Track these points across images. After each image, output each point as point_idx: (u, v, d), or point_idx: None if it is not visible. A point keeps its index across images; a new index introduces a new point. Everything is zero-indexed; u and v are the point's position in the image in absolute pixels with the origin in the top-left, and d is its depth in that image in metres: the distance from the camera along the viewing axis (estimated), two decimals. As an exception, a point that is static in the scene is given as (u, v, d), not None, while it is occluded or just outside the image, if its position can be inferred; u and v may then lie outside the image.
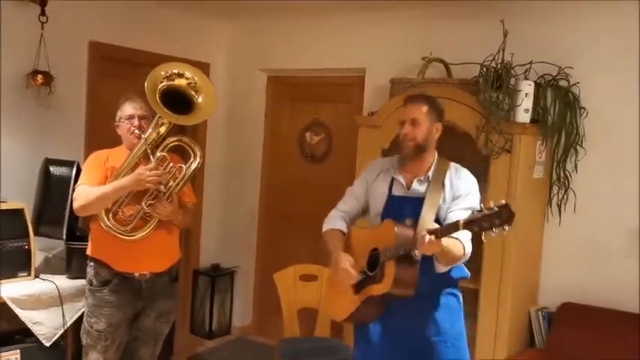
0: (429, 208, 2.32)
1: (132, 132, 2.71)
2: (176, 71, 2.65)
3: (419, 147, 2.38)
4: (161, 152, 2.64)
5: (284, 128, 4.53)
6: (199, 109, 2.66)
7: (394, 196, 2.44)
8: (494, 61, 3.04)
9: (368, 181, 2.55)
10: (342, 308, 2.47)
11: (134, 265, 2.67)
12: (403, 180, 2.44)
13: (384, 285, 2.26)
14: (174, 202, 2.65)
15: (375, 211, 2.49)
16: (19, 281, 2.99)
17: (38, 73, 3.34)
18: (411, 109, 2.38)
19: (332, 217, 2.60)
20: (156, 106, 2.56)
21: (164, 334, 2.87)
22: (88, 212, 2.64)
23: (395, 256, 2.22)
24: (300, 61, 4.24)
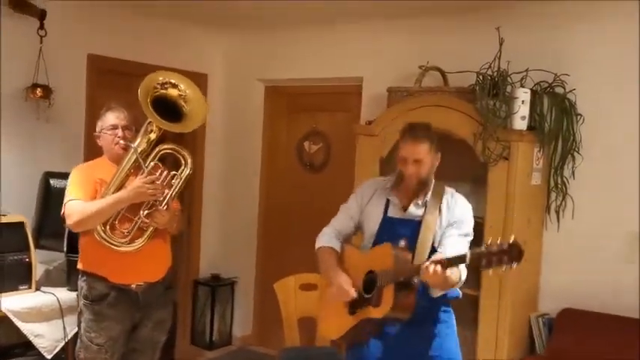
0: (426, 231, 2.33)
1: (116, 142, 2.66)
2: (173, 81, 2.64)
3: (422, 182, 2.39)
4: (153, 161, 2.60)
5: (282, 138, 4.54)
6: (188, 118, 2.65)
7: (390, 217, 2.44)
8: (491, 69, 3.06)
9: (363, 200, 2.54)
10: (336, 327, 2.47)
11: (130, 277, 2.63)
12: (399, 202, 2.44)
13: (381, 309, 2.26)
14: (170, 211, 2.64)
15: (369, 232, 2.48)
16: (20, 294, 3.00)
17: (37, 87, 3.37)
18: (414, 149, 2.34)
19: (325, 235, 2.60)
20: (148, 112, 2.52)
21: (162, 342, 2.85)
22: (84, 228, 2.58)
23: (394, 282, 2.22)
24: (298, 71, 4.26)
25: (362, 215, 2.54)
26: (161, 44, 4.13)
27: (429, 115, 3.17)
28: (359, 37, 3.97)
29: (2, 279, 2.93)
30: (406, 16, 3.67)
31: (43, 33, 3.42)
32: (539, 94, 3.09)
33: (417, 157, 2.35)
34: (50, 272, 3.29)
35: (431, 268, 2.08)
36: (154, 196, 2.55)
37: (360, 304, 2.36)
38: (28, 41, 3.39)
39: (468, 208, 2.44)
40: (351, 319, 2.40)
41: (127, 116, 2.71)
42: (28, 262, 3.04)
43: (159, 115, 2.54)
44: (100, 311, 2.60)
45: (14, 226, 3.04)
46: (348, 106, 4.17)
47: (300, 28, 4.17)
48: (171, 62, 3.98)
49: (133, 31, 3.99)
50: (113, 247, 2.55)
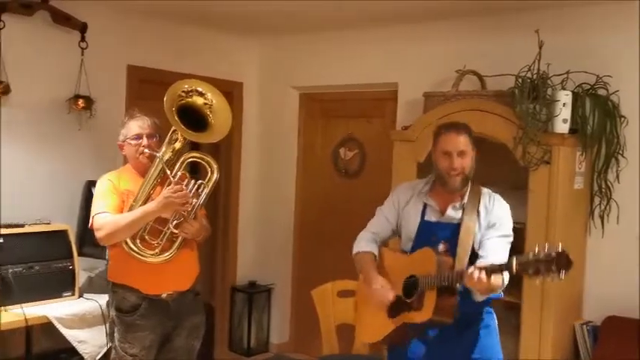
0: (465, 234, 2.30)
1: (141, 152, 2.62)
2: (200, 89, 2.60)
3: (466, 179, 2.36)
4: (179, 170, 2.56)
5: (317, 145, 4.55)
6: (214, 128, 2.60)
7: (427, 221, 2.42)
8: (530, 72, 3.01)
9: (400, 204, 2.53)
10: (375, 330, 2.46)
11: (161, 287, 2.62)
12: (437, 205, 2.42)
13: (423, 314, 2.25)
14: (199, 220, 2.63)
15: (407, 236, 2.47)
16: (64, 301, 3.06)
17: (79, 98, 3.45)
18: (458, 140, 2.33)
19: (363, 239, 2.59)
20: (173, 120, 2.48)
21: (197, 349, 2.83)
22: (114, 241, 2.55)
23: (437, 287, 2.21)
24: (333, 77, 4.27)
25: (399, 219, 2.53)
26: (197, 54, 4.19)
27: (467, 120, 3.10)
28: (394, 42, 3.95)
29: (47, 286, 2.99)
30: (442, 20, 3.64)
31: (85, 45, 3.51)
32: (580, 96, 3.03)
33: (461, 149, 2.32)
34: (92, 279, 3.35)
35: (475, 275, 2.06)
36: (182, 206, 2.52)
37: (400, 308, 2.34)
38: (70, 53, 3.48)
39: (507, 209, 2.40)
40: (390, 322, 2.38)
41: (150, 124, 2.67)
42: (72, 270, 3.10)
43: (184, 124, 2.50)
44: (132, 322, 2.60)
45: (58, 234, 3.11)
46: (383, 112, 4.15)
47: (334, 34, 4.17)
48: (208, 71, 4.04)
49: (170, 42, 4.05)
50: (143, 259, 2.54)
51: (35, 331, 3.00)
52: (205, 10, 3.70)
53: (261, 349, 4.60)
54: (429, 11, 3.50)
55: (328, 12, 3.66)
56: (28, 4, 3.25)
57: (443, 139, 2.37)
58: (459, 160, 2.32)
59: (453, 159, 2.32)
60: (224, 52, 4.41)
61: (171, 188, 2.50)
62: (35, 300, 2.93)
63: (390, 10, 3.55)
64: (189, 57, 4.11)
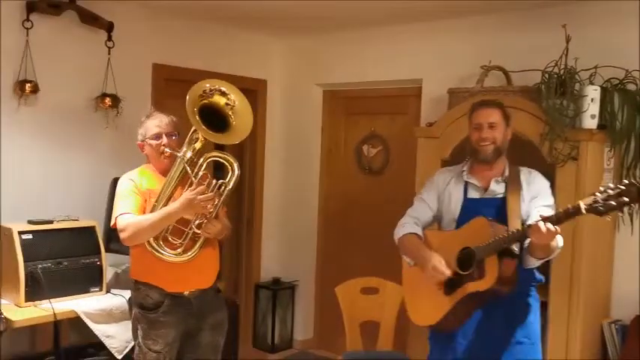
0: (512, 206, 2.33)
1: (162, 152, 2.61)
2: (223, 89, 2.58)
3: (498, 150, 2.43)
4: (200, 170, 2.54)
5: (341, 142, 4.55)
6: (234, 129, 2.58)
7: (470, 199, 2.46)
8: (557, 67, 2.97)
9: (439, 188, 2.56)
10: (431, 312, 2.44)
11: (184, 285, 2.63)
12: (478, 182, 2.46)
13: (486, 281, 2.24)
14: (221, 220, 2.63)
15: (449, 217, 2.49)
16: (92, 296, 3.10)
17: (106, 96, 3.50)
18: (488, 113, 2.44)
19: (405, 224, 2.59)
20: (194, 120, 2.47)
21: (222, 345, 2.83)
22: (138, 241, 2.56)
23: (497, 251, 2.21)
24: (356, 74, 4.26)
25: (440, 202, 2.54)
26: (222, 52, 4.21)
27: (493, 116, 3.13)
28: (418, 38, 3.93)
29: (75, 281, 3.04)
30: (466, 15, 3.61)
31: (111, 44, 3.55)
32: (609, 92, 2.98)
33: (491, 121, 2.41)
34: (119, 275, 3.39)
35: (542, 226, 2.05)
36: (204, 207, 2.51)
37: (457, 282, 2.33)
38: (97, 53, 3.53)
39: (546, 181, 2.47)
40: (447, 300, 2.36)
41: (168, 122, 2.66)
42: (99, 265, 3.14)
43: (205, 124, 2.49)
44: (155, 319, 2.61)
45: (86, 231, 3.15)
46: (407, 108, 4.13)
47: (357, 31, 4.17)
48: (232, 69, 4.07)
49: (195, 40, 4.08)
50: (165, 258, 2.55)
51: (64, 325, 3.05)
52: (230, 8, 3.72)
53: (285, 345, 4.61)
54: (453, 7, 3.47)
55: (352, 10, 3.65)
56: (55, 4, 3.30)
57: (475, 114, 2.48)
58: (489, 131, 2.41)
59: (483, 130, 2.41)
60: (249, 50, 4.43)
61: (194, 189, 2.49)
62: (64, 295, 2.97)
63: (414, 7, 3.53)
64: (213, 55, 4.13)
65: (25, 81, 3.20)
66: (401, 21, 3.89)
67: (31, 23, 3.22)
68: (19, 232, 2.91)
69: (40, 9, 3.24)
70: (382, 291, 3.43)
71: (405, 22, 3.91)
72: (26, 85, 3.19)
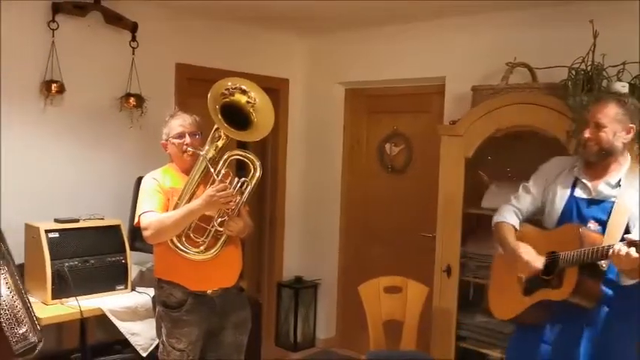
0: (619, 214, 2.16)
1: (184, 150, 2.64)
2: (243, 87, 2.60)
3: (602, 151, 2.25)
4: (222, 168, 2.57)
5: (363, 140, 4.53)
6: (256, 126, 2.60)
7: (576, 197, 2.31)
8: (584, 64, 2.92)
9: (547, 179, 2.43)
10: (508, 307, 2.40)
11: (206, 283, 2.65)
12: (588, 182, 2.30)
13: (562, 292, 2.16)
14: (243, 217, 2.64)
15: (553, 213, 2.36)
16: (117, 294, 3.13)
17: (131, 96, 3.53)
18: (597, 111, 2.27)
19: (505, 211, 2.51)
20: (216, 119, 2.49)
21: (245, 344, 2.84)
22: (161, 239, 2.58)
23: (579, 264, 2.11)
24: (378, 72, 4.24)
25: (545, 195, 2.42)
26: (244, 51, 4.23)
27: (518, 113, 3.10)
28: (440, 35, 3.90)
29: (101, 279, 3.07)
30: (490, 11, 3.57)
31: (135, 45, 3.59)
32: (638, 88, 2.91)
33: (598, 120, 2.24)
34: (143, 273, 3.42)
35: (623, 250, 1.93)
36: (226, 205, 2.53)
37: (537, 285, 2.27)
38: (121, 53, 3.56)
39: None
40: (526, 300, 2.31)
41: (191, 122, 2.69)
42: (124, 264, 3.17)
43: (227, 122, 2.51)
44: (179, 318, 2.63)
45: (111, 229, 3.18)
46: (429, 106, 4.10)
47: (379, 28, 4.15)
48: (254, 68, 4.07)
49: (218, 40, 4.10)
50: (188, 256, 2.56)
51: (90, 323, 3.08)
52: (252, 8, 3.73)
53: (308, 344, 4.62)
54: (477, 4, 3.43)
55: (375, 8, 3.64)
56: (81, 5, 3.34)
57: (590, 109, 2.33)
58: (594, 131, 2.25)
59: (590, 128, 2.27)
60: (271, 50, 4.43)
61: (215, 186, 2.51)
62: (90, 293, 3.01)
63: (437, 5, 3.51)
64: (236, 55, 4.15)
65: (52, 81, 3.24)
66: (424, 18, 3.86)
67: (57, 24, 3.27)
68: (45, 231, 2.95)
69: (65, 10, 3.28)
70: (405, 290, 3.42)
71: (427, 20, 3.88)
72: (52, 85, 3.24)
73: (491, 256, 3.21)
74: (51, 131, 3.34)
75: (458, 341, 3.37)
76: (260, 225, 4.55)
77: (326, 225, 4.63)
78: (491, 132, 3.20)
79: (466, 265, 3.38)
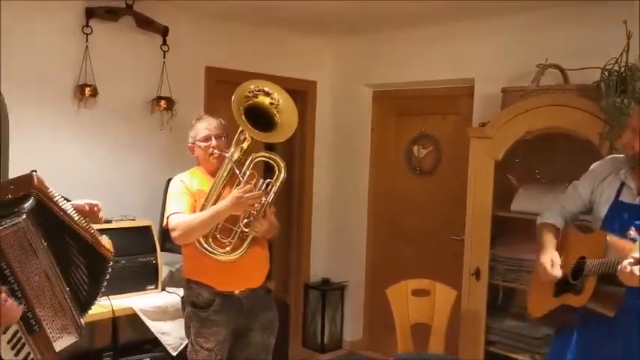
0: None
1: (211, 153, 2.68)
2: (266, 89, 2.63)
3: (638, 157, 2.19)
4: (248, 170, 2.60)
5: (391, 142, 4.52)
6: (280, 127, 2.63)
7: (621, 202, 2.24)
8: (617, 65, 2.87)
9: (595, 180, 2.38)
10: (539, 306, 2.41)
11: (234, 284, 2.67)
12: (634, 186, 2.23)
13: (580, 298, 2.14)
14: (268, 218, 2.66)
15: (597, 215, 2.32)
16: (148, 294, 3.19)
17: (161, 99, 3.58)
18: (635, 116, 2.22)
19: (549, 210, 2.48)
20: (240, 121, 2.53)
21: (272, 345, 2.87)
22: (188, 240, 2.62)
23: (598, 273, 2.09)
24: (406, 74, 4.23)
25: (593, 195, 2.37)
26: (273, 54, 4.25)
27: (549, 115, 3.07)
28: (469, 36, 3.87)
29: (132, 279, 3.12)
30: (521, 12, 3.53)
31: (166, 48, 3.64)
32: (673, 89, 2.86)
33: (633, 125, 2.19)
34: (173, 274, 3.46)
35: (628, 268, 1.89)
36: (252, 205, 2.56)
37: (565, 288, 2.26)
38: (152, 57, 3.62)
39: None
40: (553, 301, 2.30)
41: (217, 125, 2.74)
42: (155, 264, 3.22)
43: (252, 124, 2.54)
44: (207, 317, 2.66)
45: (142, 230, 3.24)
46: (458, 108, 4.08)
47: (407, 30, 4.14)
48: (282, 71, 4.10)
49: (246, 43, 4.14)
50: (215, 257, 2.59)
51: (121, 322, 3.13)
52: (280, 11, 3.75)
53: (335, 346, 4.62)
54: (507, 4, 3.40)
55: (402, 9, 3.63)
56: (113, 10, 3.40)
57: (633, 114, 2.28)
58: (629, 135, 2.20)
59: (627, 132, 2.22)
60: (298, 52, 4.46)
61: (241, 187, 2.54)
62: (121, 292, 3.06)
63: (466, 5, 3.48)
64: (264, 57, 4.18)
65: (85, 85, 3.31)
66: (452, 19, 3.84)
67: (91, 29, 3.33)
68: (78, 231, 3.00)
69: (98, 15, 3.35)
70: (433, 293, 3.39)
71: (456, 21, 3.85)
72: (86, 89, 3.30)
73: (521, 260, 3.24)
74: (84, 134, 3.41)
75: (487, 345, 3.35)
76: (287, 226, 4.57)
77: (353, 227, 4.63)
78: (522, 134, 3.17)
79: (495, 269, 3.35)
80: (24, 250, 1.66)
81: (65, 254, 1.80)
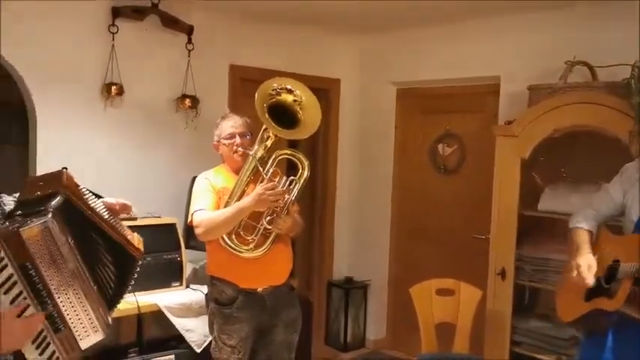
0: None
1: (235, 151, 2.71)
2: (288, 87, 2.64)
3: None
4: (272, 167, 2.62)
5: (415, 141, 4.49)
6: (303, 124, 2.64)
7: None
8: (648, 61, 2.81)
9: (628, 182, 2.35)
10: (569, 310, 2.37)
11: (257, 281, 2.69)
12: None
13: (614, 303, 2.12)
14: (291, 216, 2.66)
15: (629, 219, 2.29)
16: (173, 291, 3.21)
17: (186, 97, 3.61)
18: None
19: (581, 214, 2.44)
20: (264, 119, 2.54)
21: (295, 342, 2.86)
22: (212, 237, 2.64)
23: (633, 276, 2.07)
24: (431, 72, 4.19)
25: (625, 199, 2.34)
26: (296, 52, 4.26)
27: (577, 113, 3.02)
28: (495, 33, 3.82)
29: (157, 276, 3.15)
30: (549, 9, 3.48)
31: (191, 47, 3.66)
32: None
33: None
34: (197, 271, 3.48)
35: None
36: (275, 202, 2.57)
37: (597, 292, 2.22)
38: (177, 55, 3.64)
39: None
40: (585, 305, 2.27)
41: (242, 123, 2.76)
42: (180, 261, 3.24)
43: (275, 122, 2.56)
44: (230, 314, 2.67)
45: (167, 228, 3.26)
46: (483, 106, 4.03)
47: (432, 27, 4.10)
48: (306, 69, 4.10)
49: (270, 41, 4.14)
50: (239, 253, 2.61)
51: (146, 318, 3.15)
52: (304, 9, 3.75)
53: (358, 344, 4.61)
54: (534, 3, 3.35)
55: (427, 7, 3.60)
56: (139, 9, 3.43)
57: None
58: None
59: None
60: (322, 50, 4.45)
61: (264, 185, 2.56)
62: (147, 289, 3.08)
63: (492, 2, 3.44)
64: (288, 55, 4.18)
65: (112, 84, 3.35)
66: (477, 16, 3.80)
67: (117, 28, 3.37)
68: (105, 229, 3.04)
69: (124, 14, 3.38)
70: (458, 293, 3.37)
71: (481, 18, 3.81)
72: (112, 87, 3.34)
73: (548, 260, 3.19)
74: (111, 132, 3.45)
75: (512, 346, 3.31)
76: (310, 224, 4.57)
77: (376, 225, 4.61)
78: (549, 132, 3.12)
79: (521, 269, 3.30)
80: (49, 249, 1.62)
81: (93, 252, 1.79)
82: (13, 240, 1.57)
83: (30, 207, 1.69)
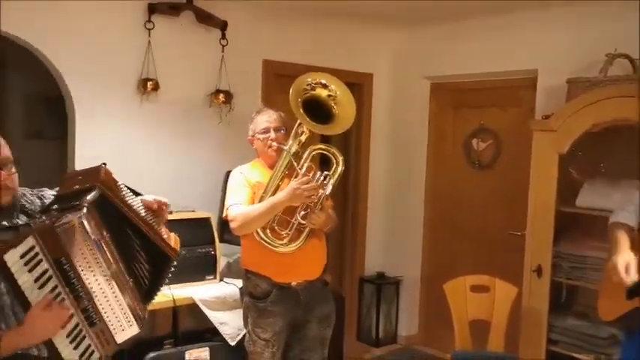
0: None
1: (269, 145, 2.72)
2: (323, 81, 2.64)
3: None
4: (306, 162, 2.63)
5: (449, 135, 4.44)
6: (338, 119, 2.64)
7: None
8: (693, 54, 2.73)
9: None
10: (610, 309, 2.34)
11: (291, 276, 2.69)
12: None
13: None
14: (325, 211, 2.66)
15: None
16: (207, 284, 3.25)
17: (220, 93, 3.63)
18: None
19: (623, 210, 2.40)
20: (298, 114, 2.55)
21: (328, 337, 2.87)
22: (247, 231, 2.65)
23: None
24: (465, 66, 4.14)
25: None
26: (330, 46, 4.24)
27: (617, 107, 2.94)
28: (532, 26, 3.74)
29: (192, 270, 3.19)
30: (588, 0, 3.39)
31: (225, 42, 3.68)
32: None
33: None
34: (231, 265, 3.51)
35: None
36: (309, 197, 2.57)
37: (638, 290, 2.18)
38: (211, 51, 3.67)
39: None
40: (626, 304, 2.23)
41: (276, 118, 2.77)
42: (214, 255, 3.28)
43: (310, 117, 2.56)
44: (264, 308, 2.69)
45: (201, 222, 3.30)
46: (519, 100, 3.96)
47: (467, 21, 4.04)
48: (339, 63, 4.08)
49: (303, 36, 4.14)
50: (273, 248, 2.62)
51: (181, 311, 3.19)
52: (339, 4, 3.73)
53: (390, 340, 4.59)
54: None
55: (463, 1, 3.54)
56: (175, 6, 3.47)
57: None
58: None
59: None
60: (356, 44, 4.42)
61: (299, 179, 2.57)
62: (182, 282, 3.12)
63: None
64: (321, 50, 4.17)
65: (147, 79, 3.39)
66: (514, 9, 3.73)
67: (153, 24, 3.41)
68: (141, 223, 3.09)
69: (160, 10, 3.42)
70: (493, 290, 3.32)
71: (518, 11, 3.74)
72: (148, 83, 3.39)
73: (586, 257, 3.12)
74: (147, 127, 3.50)
75: (549, 344, 3.25)
76: (342, 220, 4.55)
77: (409, 221, 4.58)
78: (588, 127, 3.05)
79: (558, 266, 3.24)
80: (84, 244, 1.63)
81: (128, 248, 1.79)
82: (47, 235, 1.58)
83: (66, 201, 1.70)
